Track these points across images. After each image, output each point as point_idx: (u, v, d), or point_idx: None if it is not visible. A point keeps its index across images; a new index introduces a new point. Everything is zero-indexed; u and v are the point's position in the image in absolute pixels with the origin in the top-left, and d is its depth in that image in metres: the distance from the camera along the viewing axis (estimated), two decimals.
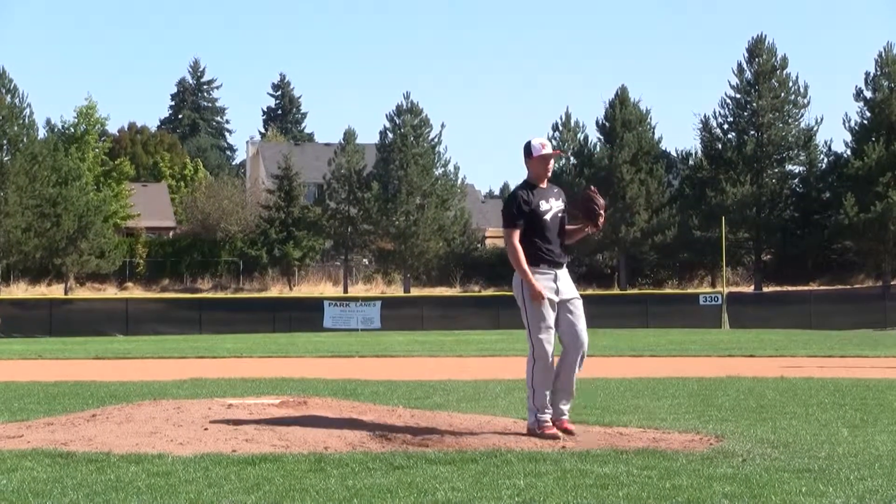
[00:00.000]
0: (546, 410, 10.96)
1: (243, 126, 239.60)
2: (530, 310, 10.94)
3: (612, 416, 13.67)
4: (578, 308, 11.11)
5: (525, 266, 10.92)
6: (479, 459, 9.55)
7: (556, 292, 11.00)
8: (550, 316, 10.94)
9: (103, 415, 11.42)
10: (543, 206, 11.11)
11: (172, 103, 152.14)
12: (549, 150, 11.28)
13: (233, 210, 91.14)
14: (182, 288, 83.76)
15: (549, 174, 11.34)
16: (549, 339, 10.92)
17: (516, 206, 11.10)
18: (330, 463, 9.34)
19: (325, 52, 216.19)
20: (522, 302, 11.01)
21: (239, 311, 62.76)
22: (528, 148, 11.27)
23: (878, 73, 76.44)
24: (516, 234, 11.04)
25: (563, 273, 11.17)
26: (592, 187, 11.58)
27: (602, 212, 11.34)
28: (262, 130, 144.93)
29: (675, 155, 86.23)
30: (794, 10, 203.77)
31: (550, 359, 10.94)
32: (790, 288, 73.73)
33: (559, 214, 11.22)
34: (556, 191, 11.37)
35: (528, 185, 11.25)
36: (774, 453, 10.12)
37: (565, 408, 11.14)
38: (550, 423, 10.97)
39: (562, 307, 11.03)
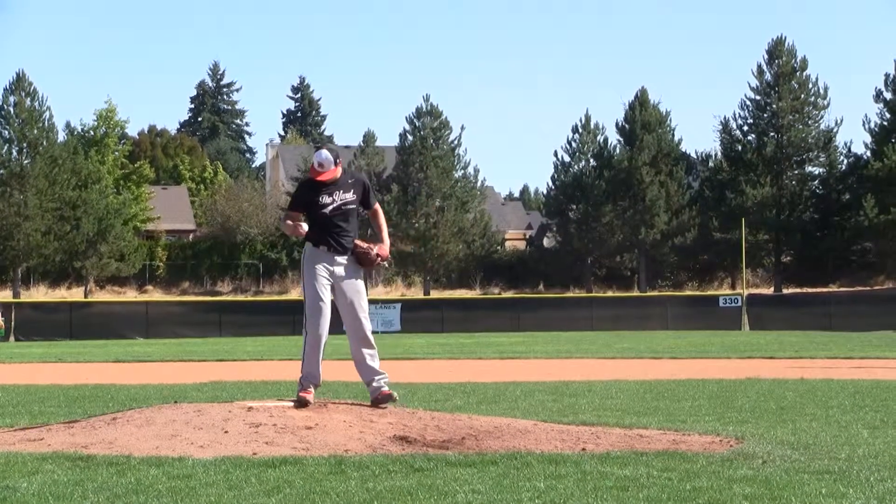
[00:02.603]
0: (311, 380, 11.52)
1: (263, 128, 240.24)
2: (307, 287, 11.53)
3: (633, 417, 13.66)
4: (350, 288, 11.57)
5: (290, 224, 11.62)
6: (500, 462, 9.55)
7: (331, 275, 11.50)
8: (324, 293, 11.45)
9: (123, 418, 11.43)
10: (325, 199, 11.48)
11: (192, 106, 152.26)
12: (325, 176, 11.51)
13: (253, 213, 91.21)
14: (202, 291, 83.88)
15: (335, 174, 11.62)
16: (321, 313, 11.42)
17: (296, 197, 11.82)
18: (350, 465, 9.35)
19: (344, 55, 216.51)
20: (302, 279, 11.68)
21: (259, 313, 62.72)
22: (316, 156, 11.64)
23: None
24: (289, 216, 11.70)
25: (342, 259, 11.55)
26: (362, 247, 11.72)
27: (371, 255, 11.66)
28: (282, 133, 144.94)
29: (695, 157, 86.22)
30: (814, 12, 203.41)
31: (320, 332, 11.45)
32: (810, 289, 73.51)
33: (343, 208, 11.53)
34: (350, 182, 11.69)
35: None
36: (794, 455, 10.11)
37: (377, 378, 11.81)
38: (311, 390, 11.50)
39: (338, 290, 11.54)
